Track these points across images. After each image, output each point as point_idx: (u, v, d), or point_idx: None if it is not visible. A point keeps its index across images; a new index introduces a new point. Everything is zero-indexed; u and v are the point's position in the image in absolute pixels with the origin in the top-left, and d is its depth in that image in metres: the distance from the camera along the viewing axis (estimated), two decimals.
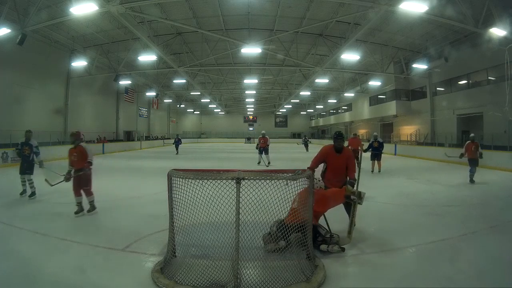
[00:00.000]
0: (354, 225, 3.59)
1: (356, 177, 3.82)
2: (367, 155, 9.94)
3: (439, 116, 18.81)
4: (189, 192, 2.75)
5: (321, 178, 4.05)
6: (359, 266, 3.10)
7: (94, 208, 4.90)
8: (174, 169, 2.92)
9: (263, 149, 12.13)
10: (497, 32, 11.02)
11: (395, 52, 18.42)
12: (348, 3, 11.04)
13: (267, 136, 12.37)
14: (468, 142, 8.31)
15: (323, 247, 3.30)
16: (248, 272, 2.73)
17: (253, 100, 36.36)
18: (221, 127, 46.32)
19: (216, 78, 26.29)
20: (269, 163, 12.00)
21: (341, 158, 3.95)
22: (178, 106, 38.58)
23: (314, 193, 3.22)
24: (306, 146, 24.57)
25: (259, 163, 12.28)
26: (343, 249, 3.32)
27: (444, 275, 2.84)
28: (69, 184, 4.83)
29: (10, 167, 11.41)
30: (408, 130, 21.88)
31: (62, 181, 4.84)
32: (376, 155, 10.11)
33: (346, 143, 6.81)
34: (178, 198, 2.86)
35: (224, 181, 2.63)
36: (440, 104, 18.74)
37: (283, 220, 3.14)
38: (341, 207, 3.83)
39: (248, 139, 38.79)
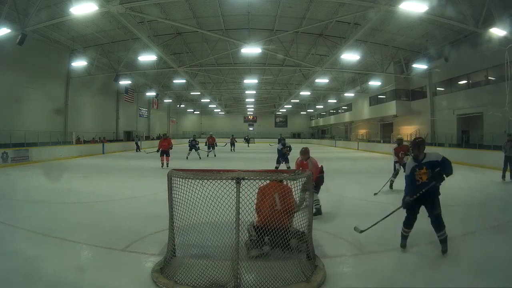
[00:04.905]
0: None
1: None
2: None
3: (439, 116, 18.79)
4: (189, 192, 2.76)
5: None
6: (359, 266, 3.10)
7: None
8: (174, 169, 2.93)
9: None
10: (497, 32, 11.00)
11: (395, 52, 18.40)
12: (348, 3, 11.04)
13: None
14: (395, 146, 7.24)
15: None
16: (248, 272, 2.72)
17: (253, 100, 36.27)
18: (221, 127, 46.17)
19: (216, 78, 26.27)
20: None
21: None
22: (178, 106, 38.54)
23: None
24: (248, 142, 29.78)
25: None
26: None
27: (444, 275, 2.84)
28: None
29: (10, 167, 11.39)
30: (408, 130, 21.85)
31: None
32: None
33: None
34: (178, 198, 2.87)
35: (224, 181, 2.63)
36: (440, 104, 18.72)
37: (256, 223, 3.16)
38: None
39: (247, 140, 32.30)
